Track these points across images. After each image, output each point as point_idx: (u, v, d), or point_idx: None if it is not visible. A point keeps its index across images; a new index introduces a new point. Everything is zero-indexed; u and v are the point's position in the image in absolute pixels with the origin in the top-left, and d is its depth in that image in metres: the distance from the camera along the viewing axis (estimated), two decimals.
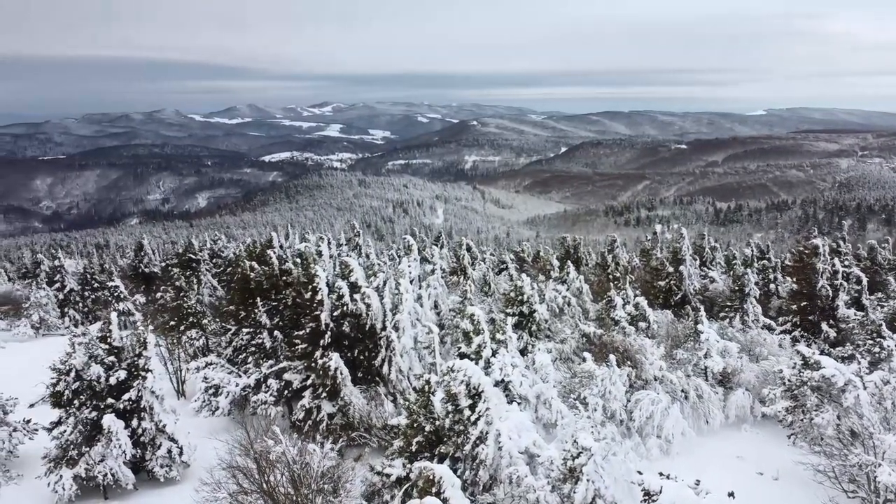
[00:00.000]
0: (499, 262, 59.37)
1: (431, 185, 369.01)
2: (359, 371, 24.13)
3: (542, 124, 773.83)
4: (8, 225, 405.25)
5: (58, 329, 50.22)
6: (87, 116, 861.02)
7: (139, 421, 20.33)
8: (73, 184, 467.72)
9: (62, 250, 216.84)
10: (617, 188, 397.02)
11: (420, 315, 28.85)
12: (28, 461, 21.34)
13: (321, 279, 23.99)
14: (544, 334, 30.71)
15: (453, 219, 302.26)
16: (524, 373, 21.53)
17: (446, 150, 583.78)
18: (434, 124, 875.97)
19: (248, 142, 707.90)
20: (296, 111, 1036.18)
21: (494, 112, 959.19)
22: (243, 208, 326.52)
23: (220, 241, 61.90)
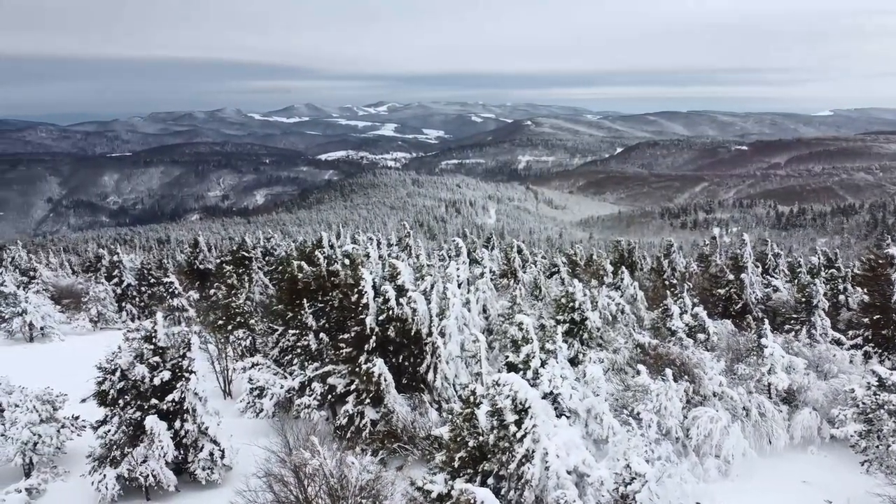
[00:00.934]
0: (550, 266, 58.20)
1: (484, 184, 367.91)
2: (403, 377, 23.57)
3: (597, 124, 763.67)
4: (77, 219, 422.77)
5: (115, 323, 51.38)
6: (153, 115, 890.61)
7: (182, 422, 20.21)
8: (138, 180, 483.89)
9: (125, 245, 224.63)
10: (673, 190, 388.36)
11: (467, 320, 28.15)
12: (75, 458, 21.49)
13: (367, 282, 23.52)
14: (596, 343, 29.59)
15: (505, 219, 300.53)
16: (574, 385, 20.58)
17: (500, 150, 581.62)
18: (488, 124, 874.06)
19: (305, 140, 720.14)
20: (352, 111, 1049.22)
21: (549, 112, 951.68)
22: (299, 206, 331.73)
23: (273, 239, 62.44)
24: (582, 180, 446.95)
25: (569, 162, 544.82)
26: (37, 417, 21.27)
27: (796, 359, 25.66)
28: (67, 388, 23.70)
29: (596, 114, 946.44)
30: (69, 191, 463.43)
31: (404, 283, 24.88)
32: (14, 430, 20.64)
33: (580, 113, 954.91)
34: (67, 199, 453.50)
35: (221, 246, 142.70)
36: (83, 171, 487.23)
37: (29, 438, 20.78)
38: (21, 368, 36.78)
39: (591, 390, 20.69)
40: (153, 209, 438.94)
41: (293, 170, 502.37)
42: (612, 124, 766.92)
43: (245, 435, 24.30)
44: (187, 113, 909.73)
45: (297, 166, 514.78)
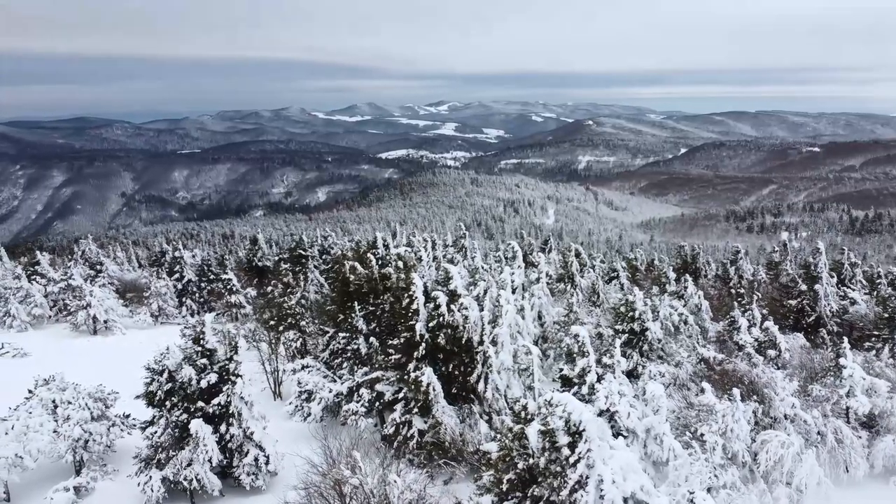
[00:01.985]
0: (609, 270, 56.50)
1: (543, 184, 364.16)
2: (453, 387, 22.77)
3: (660, 124, 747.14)
4: (149, 213, 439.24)
5: (174, 318, 52.34)
6: (221, 113, 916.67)
7: (227, 427, 19.95)
8: (206, 176, 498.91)
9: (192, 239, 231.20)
10: (740, 192, 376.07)
11: (521, 328, 27.21)
12: (125, 456, 21.52)
13: (418, 287, 22.82)
14: (656, 355, 28.22)
15: (564, 220, 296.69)
16: (633, 403, 19.41)
17: (560, 150, 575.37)
18: (548, 124, 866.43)
19: (366, 139, 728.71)
20: (413, 110, 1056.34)
21: (611, 111, 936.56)
22: (359, 203, 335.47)
23: (330, 238, 62.61)
24: (644, 181, 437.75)
25: (630, 162, 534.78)
26: (88, 415, 21.41)
27: (878, 381, 23.70)
28: (123, 383, 23.78)
29: (659, 113, 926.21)
30: (141, 186, 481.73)
31: (456, 287, 24.06)
32: (66, 427, 20.80)
33: (643, 112, 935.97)
34: (140, 193, 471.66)
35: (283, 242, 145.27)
36: (155, 167, 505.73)
37: (80, 436, 20.91)
38: (82, 361, 37.87)
39: (652, 409, 19.45)
40: (220, 205, 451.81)
41: (354, 168, 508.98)
42: (677, 124, 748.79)
43: (292, 438, 24.02)
44: (254, 111, 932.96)
45: (359, 164, 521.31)
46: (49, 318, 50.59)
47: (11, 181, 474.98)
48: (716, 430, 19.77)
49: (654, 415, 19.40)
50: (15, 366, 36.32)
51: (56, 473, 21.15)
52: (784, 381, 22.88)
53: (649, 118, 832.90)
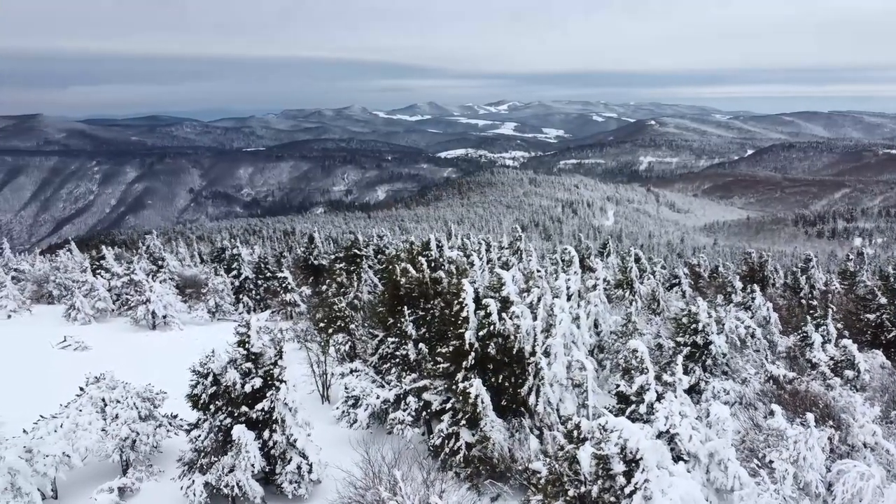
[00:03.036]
0: (670, 276, 54.44)
1: (603, 185, 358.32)
2: (502, 399, 21.85)
3: (726, 125, 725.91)
4: (215, 209, 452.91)
5: (231, 315, 52.98)
6: (286, 112, 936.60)
7: (270, 433, 19.57)
8: (270, 173, 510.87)
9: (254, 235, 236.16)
10: (809, 196, 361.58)
11: (576, 338, 26.04)
12: (171, 457, 21.39)
13: (468, 294, 21.98)
14: (721, 370, 26.63)
15: (624, 221, 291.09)
16: (695, 424, 18.09)
17: (621, 151, 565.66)
18: (609, 123, 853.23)
19: (425, 138, 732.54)
20: (472, 109, 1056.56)
21: (675, 111, 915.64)
22: (418, 202, 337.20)
23: (385, 238, 62.41)
24: (707, 183, 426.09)
25: (694, 164, 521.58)
26: (136, 414, 21.39)
27: None
28: (174, 380, 23.77)
29: (725, 113, 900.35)
30: (208, 182, 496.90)
31: (509, 294, 23.14)
32: (114, 427, 20.82)
33: (708, 112, 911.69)
34: (207, 190, 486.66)
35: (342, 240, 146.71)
36: (221, 164, 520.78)
37: (128, 435, 20.89)
38: (139, 355, 38.54)
39: (716, 432, 18.11)
40: (282, 201, 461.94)
41: (413, 167, 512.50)
42: (743, 125, 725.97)
43: (338, 445, 23.56)
44: (317, 110, 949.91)
45: (418, 163, 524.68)
46: (112, 312, 51.89)
47: (88, 176, 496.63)
48: (786, 457, 18.28)
49: (719, 438, 18.05)
50: (75, 359, 37.13)
51: (103, 472, 21.20)
52: (864, 406, 21.09)
53: (715, 118, 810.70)
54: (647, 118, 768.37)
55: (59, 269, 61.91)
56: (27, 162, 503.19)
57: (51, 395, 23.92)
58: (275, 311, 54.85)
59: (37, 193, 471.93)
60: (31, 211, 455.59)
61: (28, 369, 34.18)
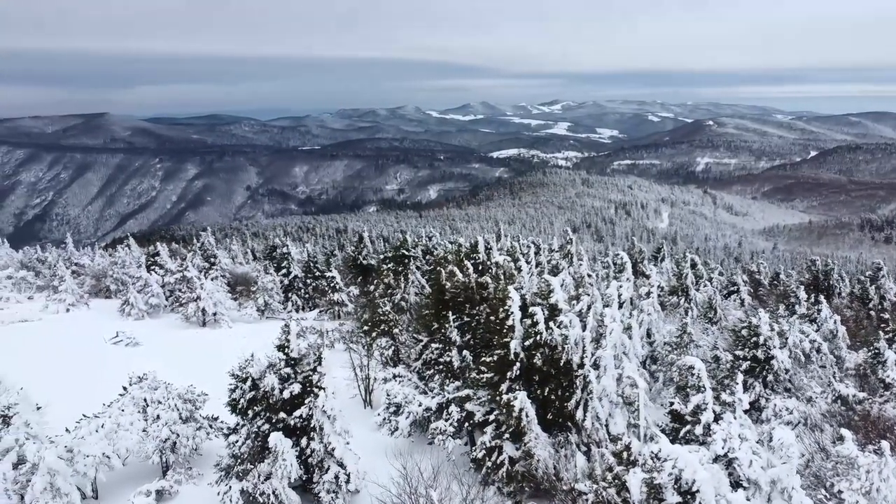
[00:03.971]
0: (728, 283, 52.32)
1: (658, 186, 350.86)
2: (548, 412, 20.92)
3: (788, 125, 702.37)
4: (271, 206, 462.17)
5: (279, 313, 53.21)
6: (341, 112, 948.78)
7: (308, 441, 19.13)
8: (324, 172, 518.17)
9: (308, 232, 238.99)
10: (877, 199, 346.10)
11: (627, 349, 24.91)
12: (210, 459, 21.20)
13: (514, 302, 21.13)
14: (783, 387, 25.09)
15: (679, 224, 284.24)
16: (756, 449, 16.83)
17: (677, 151, 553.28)
18: (666, 124, 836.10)
19: (478, 138, 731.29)
20: (525, 109, 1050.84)
21: (734, 111, 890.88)
22: (469, 202, 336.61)
23: (434, 238, 61.91)
24: (767, 185, 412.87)
25: (753, 165, 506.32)
26: (177, 416, 21.29)
27: None
28: (219, 379, 23.65)
29: (787, 114, 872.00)
30: (265, 180, 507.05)
31: (557, 302, 22.19)
32: (155, 428, 20.74)
33: (769, 113, 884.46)
34: (263, 187, 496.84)
35: (393, 239, 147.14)
36: (278, 162, 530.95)
37: (168, 437, 20.79)
38: (186, 353, 38.81)
39: (779, 458, 16.82)
40: (336, 199, 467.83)
41: (465, 166, 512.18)
42: (806, 125, 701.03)
43: (378, 453, 23.01)
44: (371, 110, 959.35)
45: (470, 163, 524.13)
46: (164, 308, 52.79)
47: (151, 173, 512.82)
48: (857, 488, 16.84)
49: (783, 465, 16.76)
50: (126, 354, 37.75)
51: (143, 473, 21.16)
52: None
53: (776, 118, 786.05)
54: (705, 118, 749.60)
55: (117, 265, 63.33)
56: (94, 159, 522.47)
57: (99, 391, 24.08)
58: (322, 310, 54.92)
59: (103, 189, 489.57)
60: (97, 206, 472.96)
61: (80, 363, 34.83)
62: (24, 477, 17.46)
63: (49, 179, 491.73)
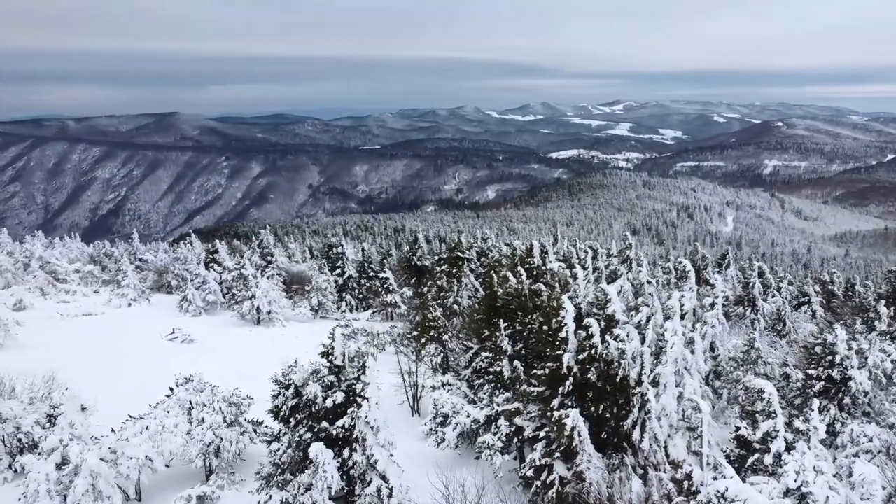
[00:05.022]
0: (798, 294, 49.63)
1: (722, 189, 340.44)
2: (603, 431, 19.75)
3: (863, 126, 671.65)
4: (331, 204, 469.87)
5: (333, 313, 53.26)
6: (401, 112, 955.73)
7: (350, 452, 18.53)
8: (384, 171, 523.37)
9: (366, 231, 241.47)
10: None
11: (689, 364, 23.41)
12: (254, 466, 20.84)
13: (568, 312, 20.04)
14: (861, 411, 23.18)
15: (744, 228, 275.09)
16: (833, 484, 15.35)
17: (743, 153, 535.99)
18: (732, 125, 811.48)
19: (537, 138, 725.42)
20: (586, 109, 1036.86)
21: (805, 112, 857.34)
22: (527, 203, 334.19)
23: (490, 240, 60.91)
24: (840, 189, 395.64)
25: (825, 168, 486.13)
26: (221, 419, 21.03)
27: None
28: (268, 380, 23.43)
29: (863, 115, 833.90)
30: (326, 179, 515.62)
31: (614, 312, 21.03)
32: (199, 431, 20.53)
33: (843, 114, 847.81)
34: (324, 186, 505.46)
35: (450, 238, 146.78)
36: (339, 161, 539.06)
37: (212, 441, 20.55)
38: (239, 351, 39.05)
39: (859, 495, 15.30)
40: (395, 199, 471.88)
41: (524, 167, 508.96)
42: (884, 127, 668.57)
43: (423, 465, 22.28)
44: (431, 110, 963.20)
45: (529, 164, 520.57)
46: (221, 305, 53.52)
47: (218, 171, 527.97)
48: None
49: (863, 502, 15.23)
50: (180, 351, 38.25)
51: (186, 477, 20.98)
52: None
53: (850, 120, 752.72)
54: (773, 119, 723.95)
55: (179, 261, 64.73)
56: (165, 156, 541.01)
57: (150, 388, 24.20)
58: (375, 311, 54.74)
59: (172, 186, 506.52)
60: (166, 202, 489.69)
61: (134, 360, 35.36)
62: (66, 478, 17.42)
63: (122, 176, 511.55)
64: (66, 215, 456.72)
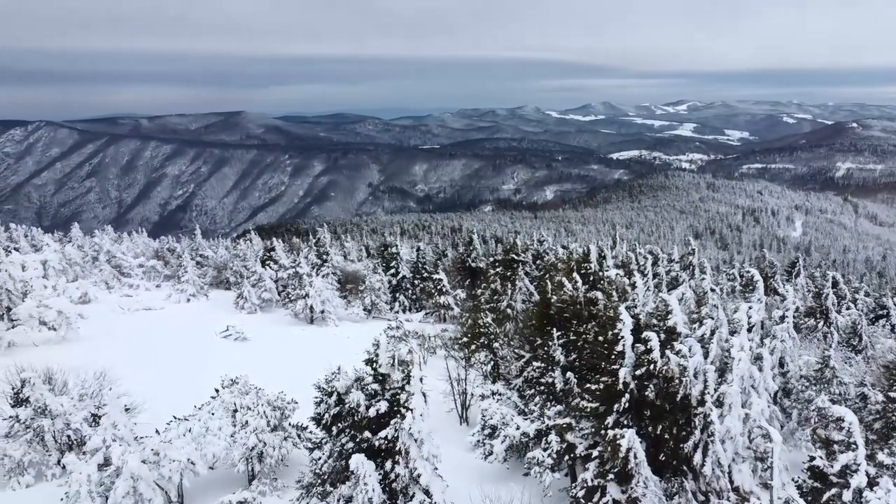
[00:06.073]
0: (876, 306, 46.66)
1: (791, 192, 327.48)
2: (661, 453, 18.52)
3: None
4: (390, 203, 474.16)
5: (385, 313, 52.93)
6: (461, 111, 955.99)
7: (393, 465, 17.87)
8: (442, 171, 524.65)
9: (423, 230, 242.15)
10: None
11: (756, 382, 21.92)
12: (297, 472, 20.44)
13: (625, 325, 18.89)
14: None
15: (814, 233, 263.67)
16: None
17: (814, 155, 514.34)
18: (802, 126, 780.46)
19: (598, 139, 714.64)
20: (649, 109, 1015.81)
21: (882, 113, 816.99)
22: (586, 204, 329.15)
23: (546, 243, 59.61)
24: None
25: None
26: (265, 423, 20.67)
27: None
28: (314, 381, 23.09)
29: None
30: (386, 177, 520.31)
31: (676, 325, 19.77)
32: (242, 434, 20.22)
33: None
34: (384, 184, 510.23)
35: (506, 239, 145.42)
36: (398, 160, 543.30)
37: (255, 445, 20.21)
38: (290, 350, 39.10)
39: None
40: (453, 198, 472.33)
41: (584, 167, 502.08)
42: None
43: (470, 478, 21.50)
44: (490, 110, 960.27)
45: (588, 164, 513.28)
46: (276, 303, 53.88)
47: (281, 169, 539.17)
48: None
49: None
50: (232, 349, 38.44)
51: (229, 481, 20.70)
52: None
53: None
54: (847, 120, 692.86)
55: (238, 257, 65.61)
56: (231, 154, 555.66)
57: (200, 386, 24.00)
58: (428, 312, 54.20)
59: (237, 183, 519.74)
60: (231, 198, 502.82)
61: (187, 357, 35.63)
62: (108, 479, 17.31)
63: (191, 173, 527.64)
64: (138, 210, 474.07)
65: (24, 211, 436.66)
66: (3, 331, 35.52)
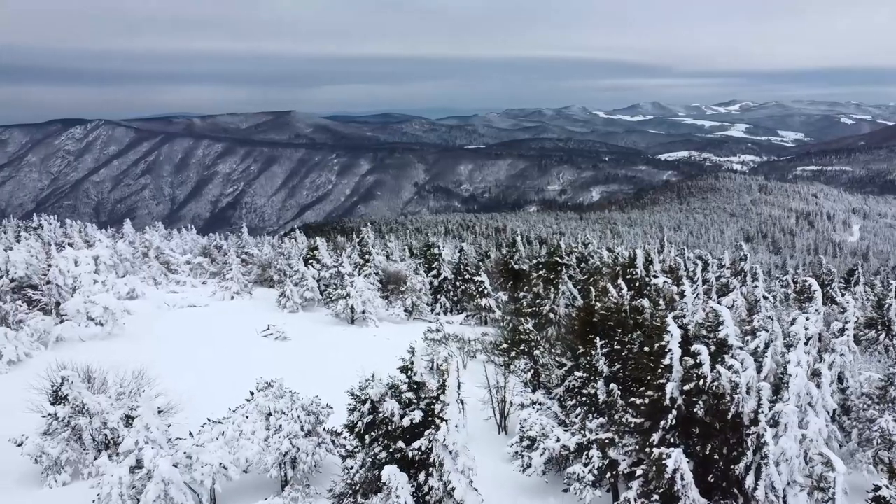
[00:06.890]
0: None
1: (848, 196, 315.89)
2: (710, 474, 17.52)
3: None
4: (436, 202, 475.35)
5: (426, 315, 52.47)
6: (507, 111, 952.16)
7: (426, 477, 17.30)
8: (488, 171, 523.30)
9: (468, 230, 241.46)
10: None
11: (814, 400, 20.61)
12: (330, 479, 20.06)
13: (673, 337, 17.94)
14: None
15: (872, 238, 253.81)
16: None
17: (873, 157, 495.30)
18: (861, 126, 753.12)
19: (646, 139, 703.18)
20: (699, 109, 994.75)
21: None
22: (632, 205, 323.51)
23: (591, 246, 58.40)
24: None
25: None
26: (299, 428, 20.35)
27: None
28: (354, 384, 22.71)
29: None
30: (431, 177, 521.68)
31: (727, 337, 18.71)
32: (276, 439, 19.93)
33: None
34: (429, 184, 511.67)
35: (551, 240, 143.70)
36: (444, 160, 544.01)
37: (288, 450, 19.90)
38: (329, 351, 38.98)
39: None
40: (498, 198, 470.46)
41: (631, 168, 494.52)
42: None
43: (507, 491, 20.87)
44: (537, 110, 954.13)
45: (636, 165, 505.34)
46: (318, 302, 53.91)
47: (328, 167, 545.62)
48: None
49: None
50: (272, 349, 38.45)
51: (261, 486, 20.45)
52: None
53: None
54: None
55: (283, 256, 66.04)
56: (280, 153, 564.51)
57: (238, 385, 23.85)
58: (469, 315, 53.57)
59: (286, 181, 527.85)
60: (280, 196, 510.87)
61: (227, 355, 35.65)
62: (140, 482, 17.18)
63: (241, 171, 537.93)
64: (190, 207, 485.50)
65: (83, 206, 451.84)
66: (52, 325, 36.20)
